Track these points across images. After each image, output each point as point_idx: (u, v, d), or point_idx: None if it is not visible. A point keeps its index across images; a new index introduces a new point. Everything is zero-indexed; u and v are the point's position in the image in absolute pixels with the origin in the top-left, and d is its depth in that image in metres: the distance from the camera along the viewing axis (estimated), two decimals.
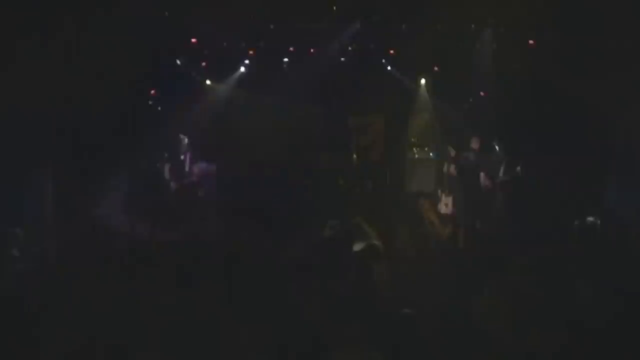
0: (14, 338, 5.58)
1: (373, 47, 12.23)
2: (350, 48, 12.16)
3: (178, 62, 11.72)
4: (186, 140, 10.80)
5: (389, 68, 12.49)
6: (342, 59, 12.32)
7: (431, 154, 12.55)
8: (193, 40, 11.42)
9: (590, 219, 8.75)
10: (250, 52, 12.05)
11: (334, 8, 11.23)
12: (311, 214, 10.37)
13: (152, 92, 11.66)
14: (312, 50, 12.07)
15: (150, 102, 11.69)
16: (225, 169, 11.73)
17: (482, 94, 12.43)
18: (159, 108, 11.75)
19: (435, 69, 12.51)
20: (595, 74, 9.98)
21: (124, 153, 10.34)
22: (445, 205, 11.07)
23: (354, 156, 12.26)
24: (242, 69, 12.23)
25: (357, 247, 7.93)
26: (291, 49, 12.09)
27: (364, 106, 12.41)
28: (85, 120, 9.75)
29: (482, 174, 10.98)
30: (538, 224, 9.53)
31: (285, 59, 12.21)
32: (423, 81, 12.75)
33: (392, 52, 12.28)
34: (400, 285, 7.06)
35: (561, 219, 9.26)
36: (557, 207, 9.81)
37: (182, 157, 10.74)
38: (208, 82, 12.34)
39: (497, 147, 10.93)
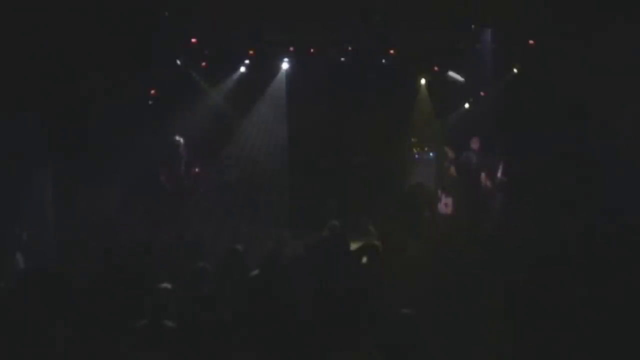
0: (14, 338, 5.58)
1: (373, 47, 12.23)
2: (350, 48, 12.18)
3: (178, 62, 11.72)
4: (182, 141, 10.76)
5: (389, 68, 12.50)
6: (342, 59, 12.32)
7: (431, 154, 12.56)
8: (193, 40, 11.42)
9: (590, 218, 8.75)
10: (250, 52, 12.06)
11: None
12: (311, 215, 10.37)
13: (152, 92, 11.66)
14: (312, 50, 12.08)
15: (150, 102, 11.68)
16: (224, 169, 11.72)
17: (482, 93, 12.45)
18: (159, 108, 11.74)
19: (435, 69, 12.52)
20: (595, 73, 9.99)
21: (124, 153, 10.33)
22: (445, 205, 11.08)
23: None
24: (242, 69, 12.23)
25: (356, 246, 7.94)
26: (291, 49, 12.10)
27: (363, 106, 12.42)
28: (85, 121, 9.75)
29: (482, 174, 10.99)
30: (537, 223, 9.53)
31: (286, 59, 12.21)
32: (423, 81, 12.76)
33: (392, 52, 12.29)
34: (400, 285, 7.05)
35: (560, 219, 9.25)
36: (556, 207, 9.81)
37: (177, 158, 10.68)
38: (208, 82, 12.33)
39: (494, 147, 10.95)
